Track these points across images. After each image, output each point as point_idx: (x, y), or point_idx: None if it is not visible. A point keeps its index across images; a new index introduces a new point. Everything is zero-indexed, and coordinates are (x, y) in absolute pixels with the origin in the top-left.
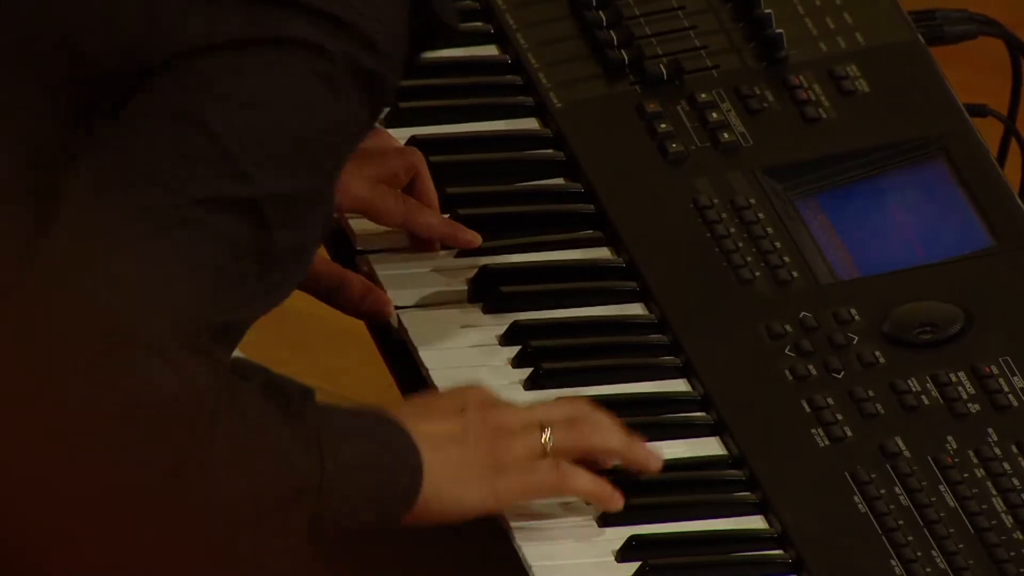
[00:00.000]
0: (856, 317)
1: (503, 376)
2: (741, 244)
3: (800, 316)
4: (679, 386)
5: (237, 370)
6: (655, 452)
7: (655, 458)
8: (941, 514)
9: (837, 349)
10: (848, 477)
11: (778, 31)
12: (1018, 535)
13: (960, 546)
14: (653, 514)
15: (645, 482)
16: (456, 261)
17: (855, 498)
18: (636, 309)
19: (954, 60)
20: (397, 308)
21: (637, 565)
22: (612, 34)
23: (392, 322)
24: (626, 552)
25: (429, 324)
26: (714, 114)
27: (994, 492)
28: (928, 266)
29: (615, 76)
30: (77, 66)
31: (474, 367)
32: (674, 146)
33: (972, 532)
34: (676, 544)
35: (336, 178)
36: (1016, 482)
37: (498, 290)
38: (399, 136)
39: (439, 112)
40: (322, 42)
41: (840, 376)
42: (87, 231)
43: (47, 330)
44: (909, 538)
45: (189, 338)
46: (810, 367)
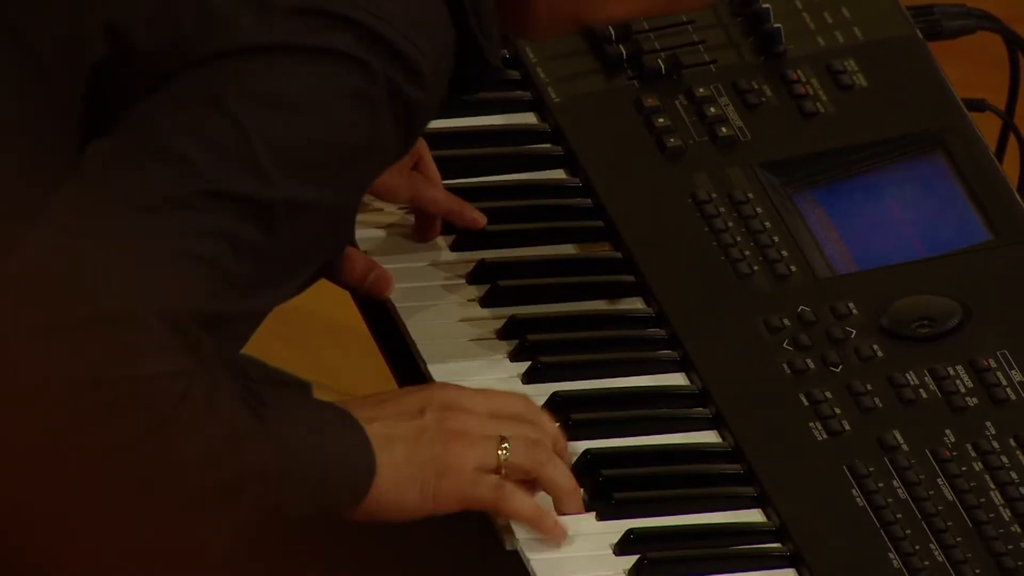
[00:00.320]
0: (854, 311)
1: (501, 370)
2: (739, 238)
3: (798, 310)
4: (677, 380)
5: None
6: (568, 522)
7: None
8: (939, 507)
9: (835, 343)
10: (846, 470)
11: (776, 26)
12: (1016, 528)
13: (958, 539)
14: (651, 507)
15: (643, 476)
16: (454, 255)
17: (853, 491)
18: (634, 303)
19: (952, 55)
20: (394, 304)
21: (635, 558)
22: (610, 29)
23: (393, 299)
24: (624, 545)
25: (427, 318)
26: (712, 108)
27: (992, 485)
28: (926, 260)
29: (613, 71)
30: (120, 52)
31: (472, 361)
32: (672, 140)
33: (970, 525)
34: (674, 537)
35: (358, 199)
36: (1014, 475)
37: (496, 284)
38: None
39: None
40: (368, 60)
41: (838, 370)
42: (90, 202)
43: (36, 292)
44: (907, 531)
45: (175, 322)
46: (808, 361)
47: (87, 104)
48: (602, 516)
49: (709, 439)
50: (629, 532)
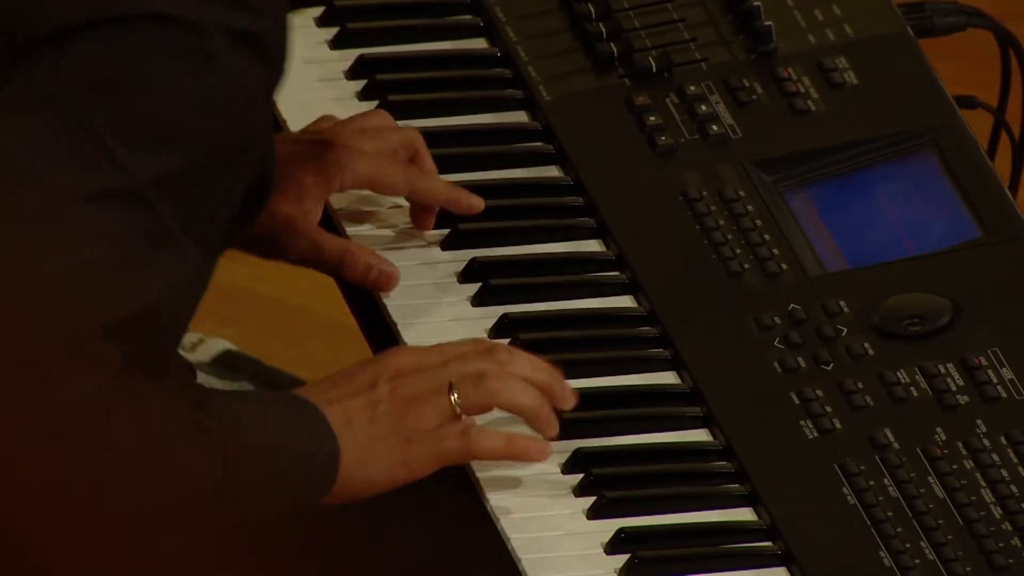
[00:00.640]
0: (845, 309)
1: None
2: (730, 236)
3: (789, 308)
4: (668, 378)
5: (228, 363)
6: (555, 422)
7: (555, 426)
8: (930, 505)
9: (826, 341)
10: (837, 469)
11: (767, 23)
12: (1006, 526)
13: (949, 537)
14: (642, 506)
15: (634, 475)
16: (445, 254)
17: (844, 490)
18: (625, 301)
19: (943, 52)
20: (385, 303)
21: (626, 557)
22: (601, 27)
23: (384, 298)
24: (615, 544)
25: (418, 317)
26: (703, 106)
27: (983, 483)
28: (917, 258)
29: (604, 69)
30: None
31: None
32: (663, 139)
33: (961, 523)
34: (665, 536)
35: (257, 142)
36: (1004, 473)
37: (487, 282)
38: None
39: (429, 105)
40: (183, 14)
41: (829, 368)
42: None
43: None
44: (898, 529)
45: (68, 345)
46: (799, 359)
47: None
48: (593, 515)
49: (700, 437)
50: (620, 531)
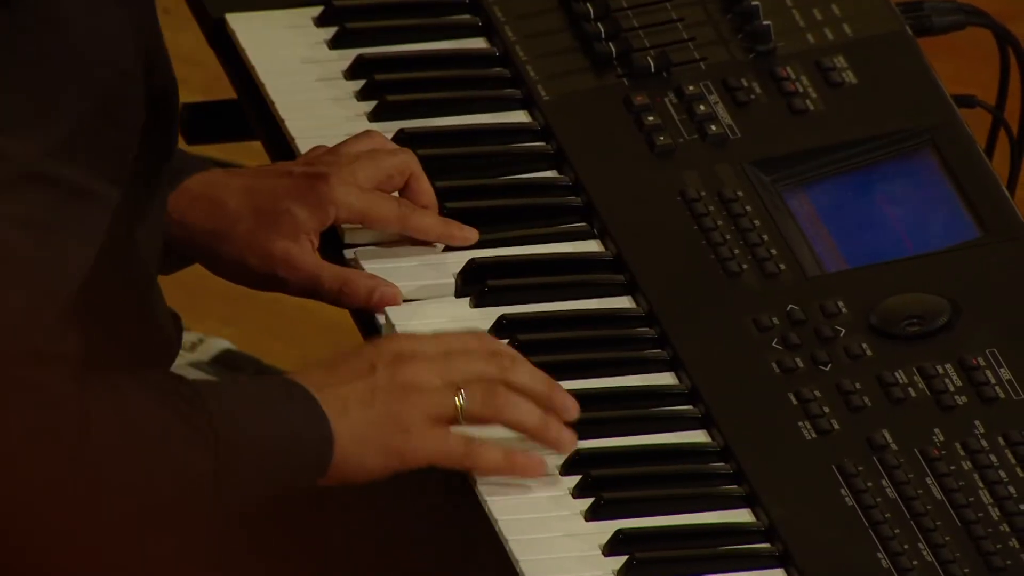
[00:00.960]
0: (843, 309)
1: None
2: (729, 237)
3: (787, 309)
4: (666, 379)
5: (228, 363)
6: (569, 436)
7: (569, 441)
8: (928, 507)
9: (824, 342)
10: (835, 470)
11: (765, 23)
12: (1004, 527)
13: (947, 539)
14: (640, 507)
15: (632, 476)
16: (444, 255)
17: (842, 491)
18: (624, 302)
19: (942, 51)
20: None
21: (624, 559)
22: (600, 27)
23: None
24: (613, 546)
25: (417, 318)
26: (702, 106)
27: (981, 485)
28: (915, 258)
29: (603, 69)
30: None
31: None
32: (662, 139)
33: (959, 524)
34: (663, 538)
35: (130, 77)
36: (1003, 474)
37: (486, 284)
38: (387, 130)
39: (427, 105)
40: None
41: (827, 369)
42: None
43: None
44: (896, 531)
45: (20, 352)
46: (797, 360)
47: None
48: (591, 516)
49: (698, 438)
50: (618, 532)
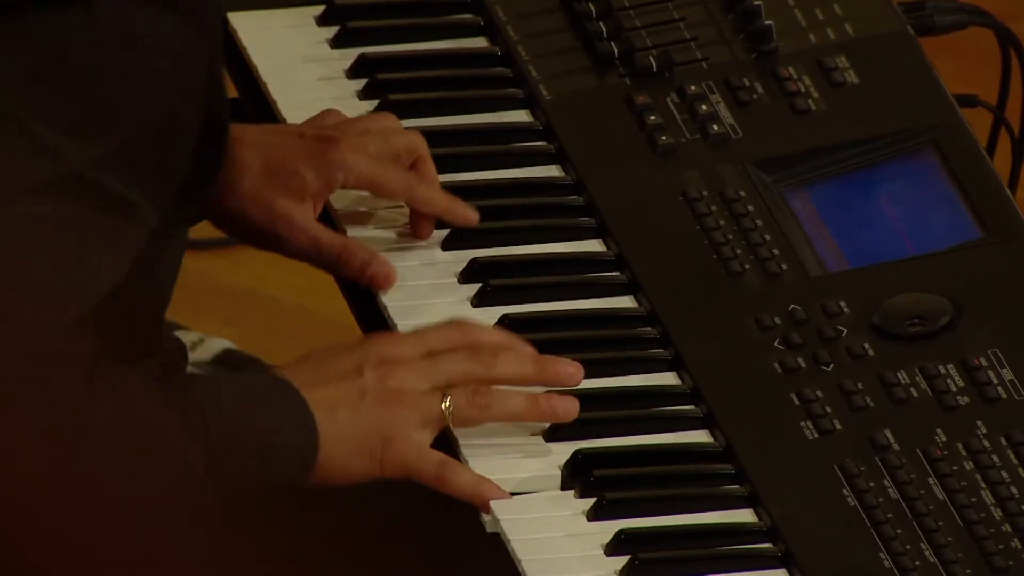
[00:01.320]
0: (845, 309)
1: None
2: (730, 236)
3: (789, 309)
4: (668, 379)
5: (228, 363)
6: (564, 404)
7: (564, 410)
8: (930, 507)
9: (826, 342)
10: (837, 470)
11: (767, 23)
12: (1006, 528)
13: (949, 539)
14: (643, 507)
15: (634, 476)
16: (445, 255)
17: (844, 491)
18: (625, 302)
19: (944, 51)
20: (385, 303)
21: (626, 559)
22: (602, 26)
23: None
24: (615, 546)
25: (418, 317)
26: (703, 106)
27: (983, 485)
28: (917, 258)
29: (605, 68)
30: None
31: None
32: (663, 138)
33: (961, 525)
34: (665, 538)
35: (195, 97)
36: (1005, 475)
37: (488, 283)
38: None
39: (429, 104)
40: None
41: (829, 369)
42: None
43: None
44: (898, 531)
45: (37, 349)
46: (799, 360)
47: None
48: (593, 516)
49: (700, 438)
50: (620, 532)
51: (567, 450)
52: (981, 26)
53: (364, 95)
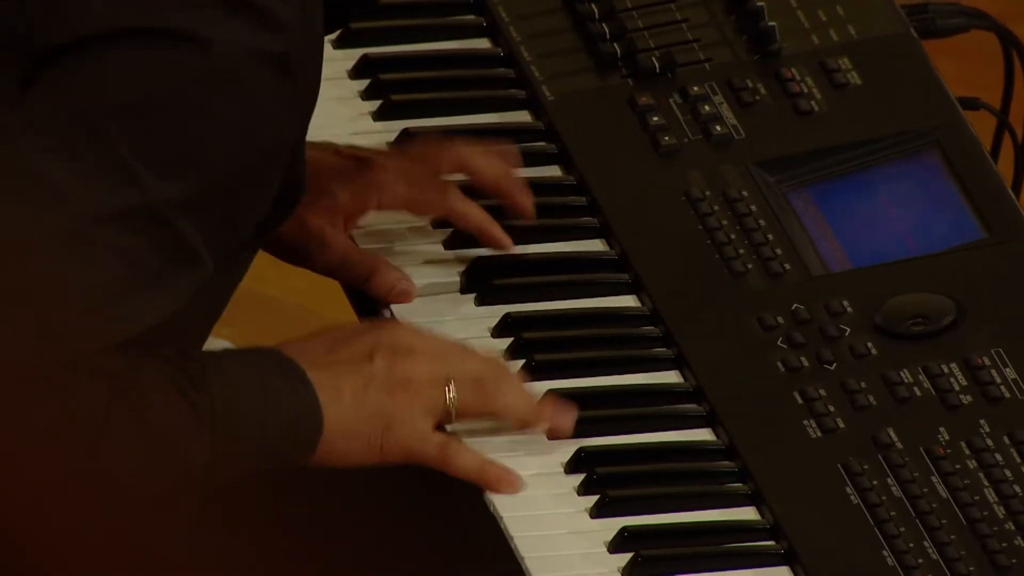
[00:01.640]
0: (848, 309)
1: None
2: (733, 236)
3: (792, 308)
4: (671, 378)
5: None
6: (566, 415)
7: (565, 424)
8: (933, 505)
9: (829, 341)
10: (840, 468)
11: (770, 24)
12: (1009, 526)
13: (952, 537)
14: (645, 505)
15: (637, 474)
16: (448, 253)
17: (847, 489)
18: (628, 301)
19: (946, 53)
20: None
21: (629, 556)
22: (604, 27)
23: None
24: (618, 543)
25: (422, 316)
26: (706, 107)
27: (986, 483)
28: (920, 258)
29: (607, 69)
30: None
31: None
32: (666, 139)
33: (964, 523)
34: (668, 535)
35: (281, 156)
36: (1008, 473)
37: (491, 282)
38: (391, 129)
39: (432, 105)
40: (207, 33)
41: (832, 368)
42: None
43: None
44: (901, 529)
45: (74, 361)
46: (802, 359)
47: None
48: (596, 514)
49: (703, 437)
50: (623, 530)
51: (570, 448)
52: (983, 29)
53: (367, 95)
